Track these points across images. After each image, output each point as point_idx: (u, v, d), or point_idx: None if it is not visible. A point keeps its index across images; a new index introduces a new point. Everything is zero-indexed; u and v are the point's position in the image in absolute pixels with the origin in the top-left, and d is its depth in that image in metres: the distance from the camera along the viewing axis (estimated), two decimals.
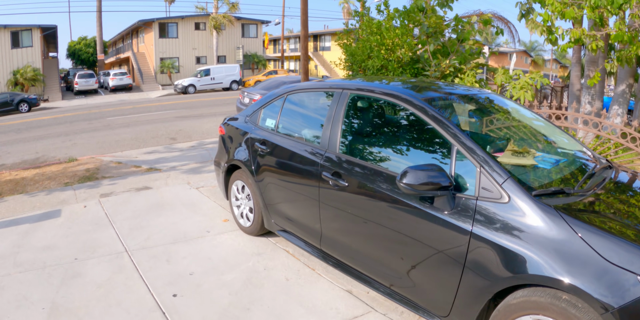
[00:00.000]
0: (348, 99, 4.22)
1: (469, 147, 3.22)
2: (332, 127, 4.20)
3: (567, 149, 4.22)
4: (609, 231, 2.74)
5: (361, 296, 4.16)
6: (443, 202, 3.18)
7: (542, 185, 3.26)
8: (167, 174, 8.53)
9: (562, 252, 2.71)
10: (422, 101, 3.68)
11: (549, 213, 2.84)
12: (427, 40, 8.94)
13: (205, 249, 5.06)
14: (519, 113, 4.58)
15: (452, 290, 3.20)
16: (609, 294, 2.50)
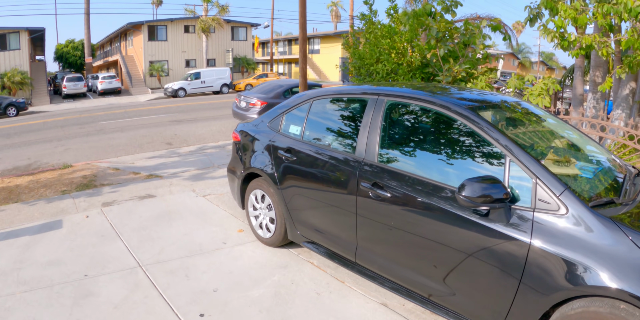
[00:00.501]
0: (386, 106, 4.03)
1: (523, 158, 3.15)
2: (369, 136, 4.00)
3: (599, 157, 4.16)
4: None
5: (397, 309, 3.95)
6: (499, 214, 3.09)
7: (594, 196, 3.19)
8: (170, 181, 8.25)
9: (620, 262, 2.69)
10: (468, 110, 3.55)
11: (606, 224, 2.82)
12: (437, 44, 8.74)
13: (225, 262, 4.80)
14: (549, 121, 4.43)
15: (507, 302, 3.12)
16: None
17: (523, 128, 4.12)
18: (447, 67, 8.59)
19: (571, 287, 2.78)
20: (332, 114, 4.72)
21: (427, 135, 3.92)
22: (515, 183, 3.14)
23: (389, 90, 4.23)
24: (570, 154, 3.99)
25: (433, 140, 3.84)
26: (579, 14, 7.97)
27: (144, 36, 45.26)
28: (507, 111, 4.17)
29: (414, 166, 3.73)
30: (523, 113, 4.31)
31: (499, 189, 2.98)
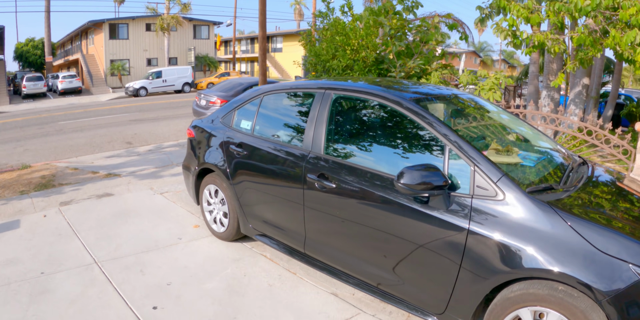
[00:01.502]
0: (332, 100, 4.15)
1: (461, 147, 3.27)
2: (315, 129, 4.12)
3: (544, 147, 4.34)
4: (599, 223, 2.90)
5: (347, 298, 4.09)
6: (439, 201, 3.22)
7: (532, 182, 3.34)
8: (128, 179, 8.27)
9: (557, 245, 2.82)
10: (410, 101, 3.68)
11: (543, 208, 2.95)
12: (391, 41, 8.92)
13: (180, 257, 4.87)
14: (495, 113, 4.63)
15: (448, 287, 3.25)
16: (604, 282, 2.65)
17: (466, 119, 4.29)
18: (401, 63, 8.78)
19: (508, 270, 2.91)
20: (281, 109, 4.83)
21: (370, 127, 4.07)
22: (455, 171, 3.27)
23: (334, 84, 4.36)
24: (514, 144, 4.16)
25: (376, 131, 3.99)
26: (531, 12, 8.22)
27: (105, 34, 44.63)
28: (451, 103, 4.34)
29: (358, 157, 3.86)
30: (468, 105, 4.48)
31: (437, 177, 3.09)
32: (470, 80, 8.23)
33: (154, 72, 38.27)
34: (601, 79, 18.55)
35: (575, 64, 8.84)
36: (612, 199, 3.51)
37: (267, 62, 52.70)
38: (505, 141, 4.15)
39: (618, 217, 3.12)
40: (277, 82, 9.12)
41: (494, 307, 3.05)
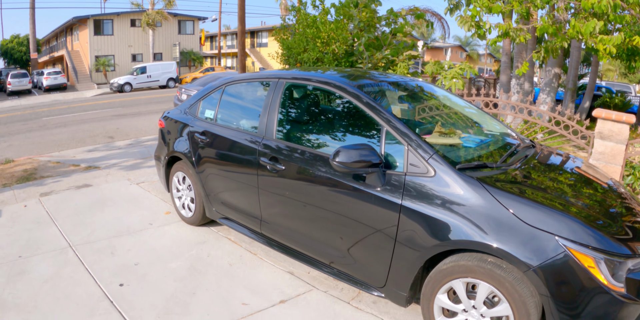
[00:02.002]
0: (284, 88, 4.41)
1: (397, 128, 3.50)
2: (268, 115, 4.38)
3: (494, 131, 4.61)
4: (527, 198, 3.08)
5: (302, 276, 4.37)
6: (374, 178, 3.44)
7: (466, 160, 3.57)
8: (107, 171, 8.49)
9: (484, 218, 3.02)
10: (354, 87, 3.93)
11: (472, 184, 3.15)
12: (360, 33, 9.21)
13: (149, 241, 5.14)
14: (448, 99, 4.93)
15: (386, 261, 3.47)
16: (530, 253, 2.83)
17: (417, 105, 4.59)
18: (369, 54, 9.07)
19: (438, 243, 3.14)
20: (240, 98, 5.10)
21: (317, 112, 4.36)
22: (391, 151, 3.52)
23: (287, 73, 4.64)
24: (458, 127, 4.42)
25: (322, 116, 4.29)
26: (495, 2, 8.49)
27: (89, 30, 44.51)
28: (399, 90, 4.63)
29: (306, 140, 4.16)
30: (420, 92, 4.79)
31: (372, 155, 3.33)
32: (435, 70, 8.52)
33: (139, 67, 38.27)
34: (578, 71, 18.92)
35: (541, 53, 9.12)
36: (549, 178, 3.72)
37: (252, 57, 52.84)
38: (451, 125, 4.41)
39: (549, 193, 3.32)
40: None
41: (430, 279, 3.28)
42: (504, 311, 2.99)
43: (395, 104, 4.41)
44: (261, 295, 4.02)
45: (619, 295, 2.80)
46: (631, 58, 11.07)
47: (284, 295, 4.04)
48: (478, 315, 3.13)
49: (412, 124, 4.32)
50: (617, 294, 2.79)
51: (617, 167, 5.97)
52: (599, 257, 2.79)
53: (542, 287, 2.83)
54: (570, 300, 2.82)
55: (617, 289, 2.80)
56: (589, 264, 2.78)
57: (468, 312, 3.18)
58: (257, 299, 3.96)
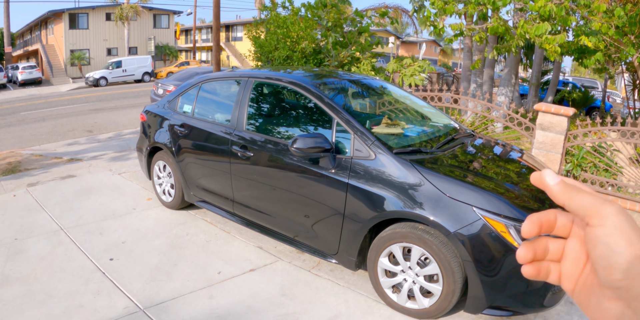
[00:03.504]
0: (253, 86, 5.04)
1: (345, 119, 4.18)
2: (239, 109, 5.01)
3: (438, 123, 5.27)
4: (451, 176, 3.74)
5: (270, 250, 5.04)
6: (326, 162, 4.11)
7: (403, 146, 4.20)
8: (89, 163, 8.96)
9: (414, 192, 3.70)
10: (311, 85, 4.60)
11: (405, 165, 3.81)
12: (328, 33, 9.80)
13: (134, 223, 5.72)
14: (398, 94, 5.60)
15: (337, 231, 4.13)
16: (451, 221, 3.49)
17: (365, 100, 5.27)
18: (335, 53, 9.69)
19: (376, 214, 3.82)
20: (215, 94, 5.70)
21: (280, 106, 5.02)
22: (340, 138, 4.20)
23: (255, 72, 5.28)
24: (405, 119, 5.11)
25: (285, 110, 4.97)
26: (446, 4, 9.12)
27: (64, 24, 44.22)
28: (354, 87, 5.32)
29: (271, 130, 4.82)
30: (372, 88, 5.50)
31: (324, 142, 4.00)
32: (396, 68, 9.13)
33: (114, 62, 38.24)
34: (541, 67, 19.70)
35: (494, 52, 9.79)
36: (477, 161, 4.42)
37: (227, 51, 52.83)
38: (399, 117, 5.10)
39: (472, 172, 4.01)
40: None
41: (373, 246, 3.97)
42: (433, 270, 3.64)
43: (349, 99, 5.05)
44: (233, 265, 4.67)
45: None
46: (582, 56, 11.74)
47: (253, 265, 4.70)
48: (413, 275, 3.80)
49: (362, 116, 5.00)
50: None
51: (557, 155, 6.56)
52: (510, 224, 3.36)
53: (461, 249, 3.45)
54: (487, 260, 3.43)
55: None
56: (501, 230, 3.36)
57: (405, 272, 3.85)
58: (230, 268, 4.61)
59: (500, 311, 3.60)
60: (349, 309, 4.00)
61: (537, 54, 18.98)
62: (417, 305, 3.85)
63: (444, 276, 3.59)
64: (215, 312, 3.88)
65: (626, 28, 8.21)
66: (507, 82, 13.15)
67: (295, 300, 4.10)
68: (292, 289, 4.27)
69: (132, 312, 3.84)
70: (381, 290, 4.04)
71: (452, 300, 3.63)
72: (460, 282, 3.55)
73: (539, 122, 6.65)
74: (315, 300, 4.11)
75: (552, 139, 6.57)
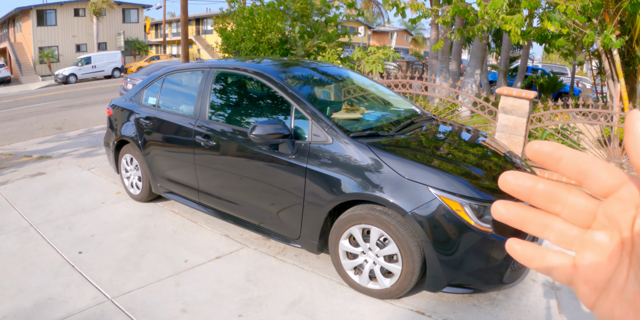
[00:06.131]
0: (214, 76, 5.11)
1: (303, 105, 4.26)
2: (202, 100, 5.08)
3: (399, 108, 5.39)
4: (406, 157, 3.83)
5: (236, 238, 5.14)
6: (285, 147, 4.19)
7: (361, 130, 4.28)
8: (59, 160, 8.95)
9: (371, 174, 3.78)
10: (270, 73, 4.67)
11: (361, 148, 3.90)
12: (295, 23, 9.88)
13: (103, 216, 5.77)
14: (360, 81, 5.71)
15: (299, 216, 4.22)
16: (407, 201, 3.59)
17: (325, 86, 5.36)
18: (301, 42, 9.78)
19: (335, 197, 3.91)
20: (178, 86, 5.75)
21: (241, 95, 5.08)
22: (299, 124, 4.27)
23: (216, 62, 5.35)
24: (365, 105, 5.23)
25: (246, 98, 5.04)
26: None
27: (32, 21, 43.56)
28: (317, 74, 5.39)
29: (232, 119, 4.89)
30: (334, 76, 5.57)
31: (282, 128, 4.08)
32: (360, 56, 9.23)
33: (83, 58, 37.82)
34: (509, 54, 19.96)
35: (456, 34, 9.86)
36: (435, 143, 4.50)
37: (198, 44, 52.54)
38: (360, 103, 5.22)
39: (428, 153, 4.09)
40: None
41: (334, 228, 4.07)
42: (392, 250, 3.75)
43: (309, 87, 5.11)
44: (200, 254, 4.77)
45: (486, 235, 3.47)
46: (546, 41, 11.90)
47: (219, 252, 4.80)
48: (374, 256, 3.91)
49: (322, 103, 5.08)
50: (484, 234, 3.47)
51: (520, 138, 6.72)
52: (465, 202, 3.48)
53: (418, 228, 3.55)
54: (443, 239, 3.53)
55: (484, 229, 3.47)
56: (457, 208, 3.48)
57: (366, 254, 3.96)
58: (196, 257, 4.70)
59: (460, 289, 3.72)
60: (313, 292, 4.11)
61: (505, 41, 19.24)
62: (378, 286, 3.96)
63: (402, 256, 3.69)
64: (181, 298, 3.98)
65: (589, 12, 8.28)
66: (473, 69, 13.26)
67: (260, 285, 4.21)
68: (257, 275, 4.38)
69: (101, 302, 3.92)
70: (343, 272, 4.14)
71: (412, 280, 3.74)
72: (419, 261, 3.65)
73: (501, 106, 6.79)
74: (279, 285, 4.22)
75: (515, 121, 6.71)
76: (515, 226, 0.50)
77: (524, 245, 0.51)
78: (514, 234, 3.56)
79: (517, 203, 0.50)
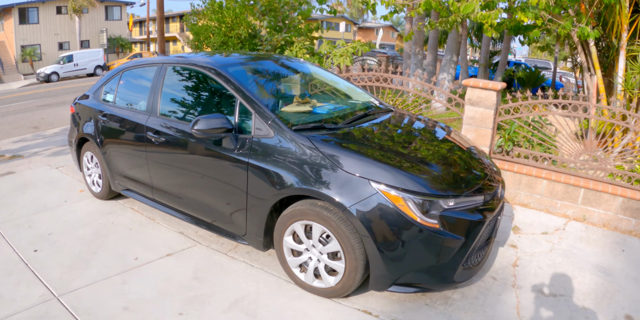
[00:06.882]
0: (166, 71, 5.09)
1: (246, 98, 4.21)
2: (154, 95, 5.08)
3: (356, 100, 5.33)
4: (349, 150, 3.74)
5: (191, 235, 5.15)
6: (228, 142, 4.15)
7: (305, 122, 4.21)
8: (30, 159, 8.90)
9: (311, 168, 3.71)
10: (218, 67, 4.63)
11: (303, 141, 3.84)
12: (263, 18, 9.89)
13: (63, 215, 5.76)
14: (318, 75, 5.66)
15: (243, 212, 4.18)
16: (347, 195, 3.50)
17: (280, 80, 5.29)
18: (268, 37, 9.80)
19: (277, 191, 3.84)
20: (134, 82, 5.70)
21: (191, 90, 5.01)
22: (243, 118, 4.22)
23: (169, 58, 5.29)
24: (320, 98, 5.15)
25: (194, 93, 4.97)
26: None
27: (14, 20, 43.24)
28: (274, 68, 5.38)
29: (181, 114, 4.85)
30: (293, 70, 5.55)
31: (225, 123, 4.02)
32: (327, 49, 9.22)
33: (65, 56, 37.61)
34: (489, 48, 20.02)
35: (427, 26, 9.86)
36: (386, 136, 4.31)
37: (182, 41, 52.32)
38: (316, 96, 5.16)
39: (375, 146, 3.92)
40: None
41: (277, 225, 4.00)
42: (334, 247, 3.67)
43: (262, 81, 5.02)
44: (152, 251, 4.78)
45: (433, 231, 3.39)
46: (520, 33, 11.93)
47: (171, 249, 4.82)
48: (317, 253, 3.84)
49: (271, 96, 4.89)
50: (430, 229, 3.38)
51: (488, 130, 6.61)
52: (408, 197, 3.39)
53: (358, 224, 3.45)
54: (385, 235, 3.42)
55: (430, 225, 3.39)
56: (400, 203, 3.38)
57: (310, 251, 3.90)
58: (148, 254, 4.71)
59: (408, 288, 3.63)
60: (258, 290, 4.09)
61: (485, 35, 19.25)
62: (324, 284, 3.89)
63: (345, 253, 3.60)
64: (125, 296, 3.98)
65: (565, 3, 8.24)
66: (448, 62, 13.27)
67: (206, 282, 4.21)
68: (205, 272, 4.38)
69: (47, 299, 3.92)
70: (289, 269, 4.11)
71: (357, 278, 3.65)
72: (362, 258, 3.56)
73: (467, 98, 6.68)
74: (226, 282, 4.20)
75: (482, 113, 6.61)
76: None
77: None
78: (464, 231, 3.55)
79: None
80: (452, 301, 3.99)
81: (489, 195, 3.88)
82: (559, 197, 6.12)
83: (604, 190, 5.78)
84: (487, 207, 3.79)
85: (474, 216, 3.61)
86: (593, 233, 5.58)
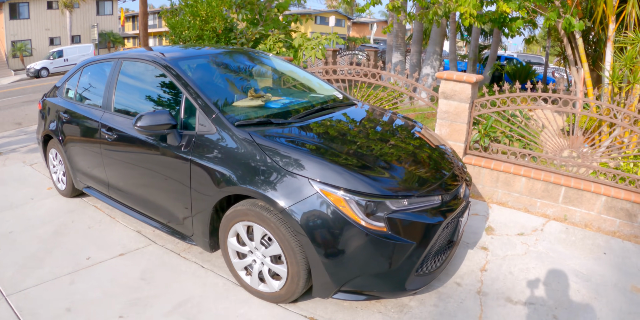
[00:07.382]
0: (121, 66, 5.01)
1: (192, 93, 4.09)
2: (109, 91, 5.00)
3: (318, 94, 5.18)
4: (293, 147, 3.57)
5: (147, 234, 5.09)
6: (172, 138, 4.04)
7: (250, 118, 4.02)
8: (7, 156, 8.83)
9: (250, 166, 3.54)
10: (167, 61, 4.52)
11: (245, 137, 3.69)
12: (239, 11, 9.83)
13: (27, 213, 5.70)
14: (283, 68, 5.56)
15: (188, 212, 4.07)
16: (286, 195, 3.32)
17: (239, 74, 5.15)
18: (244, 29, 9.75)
19: (218, 190, 3.70)
20: (92, 77, 5.61)
21: (142, 85, 4.92)
22: (188, 114, 4.10)
23: (125, 53, 5.20)
24: (277, 92, 5.06)
25: (145, 88, 4.87)
26: None
27: (5, 15, 42.98)
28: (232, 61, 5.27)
29: (131, 110, 4.76)
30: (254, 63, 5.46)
31: (167, 119, 3.89)
32: (301, 42, 9.15)
33: (55, 51, 37.48)
34: (478, 42, 19.95)
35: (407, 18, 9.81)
36: (338, 132, 4.08)
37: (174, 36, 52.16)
38: (273, 90, 5.07)
39: (322, 143, 3.74)
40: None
41: (222, 225, 3.84)
42: (276, 250, 3.49)
43: (215, 75, 4.92)
44: (105, 250, 4.71)
45: (379, 235, 3.19)
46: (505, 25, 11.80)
47: (124, 249, 4.75)
48: (261, 256, 3.68)
49: (224, 91, 4.75)
50: (375, 233, 3.18)
51: (463, 125, 6.38)
52: (351, 198, 3.18)
53: (297, 226, 3.25)
54: (326, 238, 3.22)
55: (375, 228, 3.19)
56: (341, 204, 3.17)
57: (254, 253, 3.74)
58: (101, 253, 4.65)
59: (356, 295, 3.45)
60: (204, 293, 3.98)
61: (475, 29, 19.19)
62: (268, 288, 3.74)
63: (286, 257, 3.42)
64: (70, 297, 3.92)
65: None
66: (431, 55, 13.19)
67: (153, 284, 4.13)
68: (154, 273, 4.30)
69: None
70: (235, 272, 3.97)
71: (300, 283, 3.47)
72: (304, 263, 3.37)
73: (441, 91, 6.43)
74: (173, 284, 4.11)
75: (456, 107, 6.37)
76: None
77: None
78: (416, 234, 3.36)
79: None
80: (408, 309, 3.78)
81: (449, 195, 3.69)
82: (538, 196, 5.85)
83: (586, 189, 5.49)
84: (445, 207, 3.60)
85: (430, 218, 3.41)
86: (573, 234, 5.30)
